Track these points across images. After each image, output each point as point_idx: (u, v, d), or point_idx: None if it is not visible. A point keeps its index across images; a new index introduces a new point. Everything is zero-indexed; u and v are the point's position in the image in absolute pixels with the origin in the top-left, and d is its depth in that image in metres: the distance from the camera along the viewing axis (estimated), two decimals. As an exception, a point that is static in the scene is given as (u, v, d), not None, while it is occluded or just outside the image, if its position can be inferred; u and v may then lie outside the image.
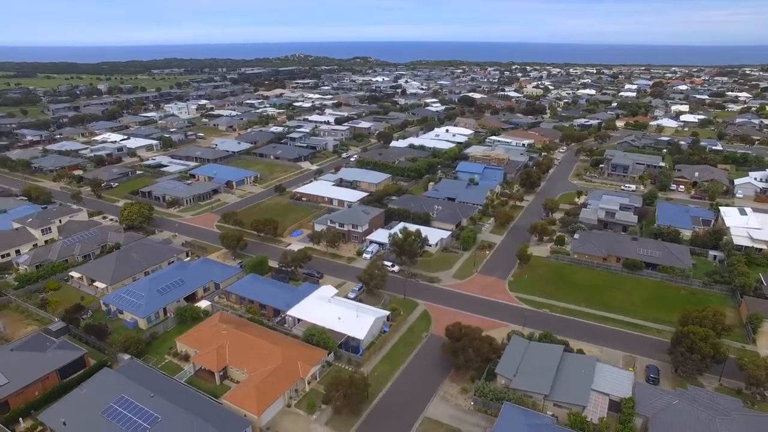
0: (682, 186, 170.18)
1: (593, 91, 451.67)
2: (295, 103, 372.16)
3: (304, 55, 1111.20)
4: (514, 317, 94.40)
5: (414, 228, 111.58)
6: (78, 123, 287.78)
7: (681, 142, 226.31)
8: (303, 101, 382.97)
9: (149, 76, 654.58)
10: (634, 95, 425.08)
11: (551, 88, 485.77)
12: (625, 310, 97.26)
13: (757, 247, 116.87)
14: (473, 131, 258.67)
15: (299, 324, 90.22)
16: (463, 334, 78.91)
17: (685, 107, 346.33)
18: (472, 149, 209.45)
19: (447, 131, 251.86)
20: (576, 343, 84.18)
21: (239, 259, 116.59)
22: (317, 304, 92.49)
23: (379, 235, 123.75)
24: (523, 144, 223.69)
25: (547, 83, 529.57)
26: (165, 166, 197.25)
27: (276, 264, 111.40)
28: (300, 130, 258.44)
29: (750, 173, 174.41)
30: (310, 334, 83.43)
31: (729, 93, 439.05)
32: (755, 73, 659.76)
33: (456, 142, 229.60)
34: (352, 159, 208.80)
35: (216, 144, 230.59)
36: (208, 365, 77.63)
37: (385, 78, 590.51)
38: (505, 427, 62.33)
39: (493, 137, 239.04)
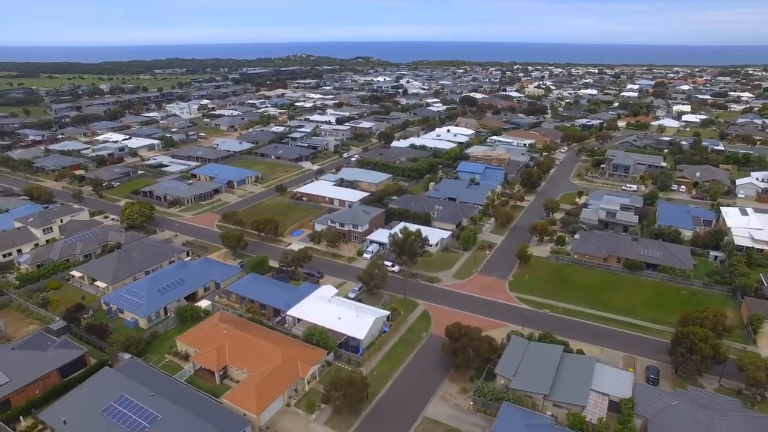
0: (683, 186, 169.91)
1: (595, 91, 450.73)
2: (297, 103, 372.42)
3: (305, 55, 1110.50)
4: (513, 317, 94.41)
5: (414, 228, 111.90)
6: (80, 123, 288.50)
7: (683, 142, 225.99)
8: (304, 101, 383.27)
9: (151, 76, 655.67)
10: (636, 95, 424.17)
11: (553, 88, 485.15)
12: (626, 310, 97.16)
13: (759, 248, 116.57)
14: (474, 131, 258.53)
15: (299, 324, 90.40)
16: (463, 334, 78.96)
17: (687, 107, 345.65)
18: (473, 149, 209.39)
19: (448, 131, 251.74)
20: (576, 344, 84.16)
21: (240, 259, 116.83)
22: (317, 303, 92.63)
23: (380, 235, 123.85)
24: (524, 144, 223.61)
25: (549, 83, 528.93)
26: (166, 165, 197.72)
27: (277, 264, 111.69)
28: (301, 130, 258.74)
29: (752, 173, 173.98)
30: (309, 333, 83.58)
31: (731, 93, 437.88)
32: (758, 73, 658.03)
33: (457, 142, 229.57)
34: (353, 159, 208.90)
35: (217, 144, 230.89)
36: (208, 365, 77.86)
37: (387, 78, 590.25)
38: (504, 427, 62.39)
39: (494, 137, 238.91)
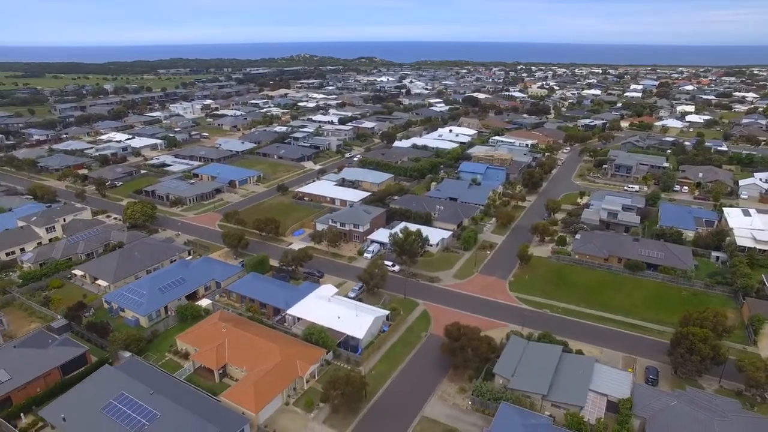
0: (685, 187, 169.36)
1: (598, 92, 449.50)
2: (300, 103, 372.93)
3: (309, 55, 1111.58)
4: (513, 317, 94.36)
5: (415, 228, 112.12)
6: (84, 123, 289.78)
7: (686, 142, 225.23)
8: (307, 101, 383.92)
9: (155, 76, 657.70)
10: (639, 95, 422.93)
11: (556, 88, 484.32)
12: (626, 310, 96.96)
13: (761, 248, 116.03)
14: (477, 131, 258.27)
15: (299, 323, 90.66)
16: (462, 333, 78.96)
17: (691, 108, 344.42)
18: (474, 149, 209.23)
19: (450, 131, 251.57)
20: (576, 344, 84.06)
21: (241, 258, 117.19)
22: (317, 303, 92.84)
23: (381, 235, 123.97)
24: (527, 144, 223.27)
25: (552, 83, 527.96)
26: (169, 165, 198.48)
27: (278, 263, 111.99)
28: (304, 129, 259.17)
29: (755, 174, 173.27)
30: (309, 332, 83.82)
31: (736, 93, 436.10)
32: (763, 74, 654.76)
33: (459, 142, 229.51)
34: (355, 159, 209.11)
35: (220, 143, 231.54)
36: (207, 363, 78.16)
37: (390, 78, 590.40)
38: (502, 427, 62.40)
39: (497, 137, 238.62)
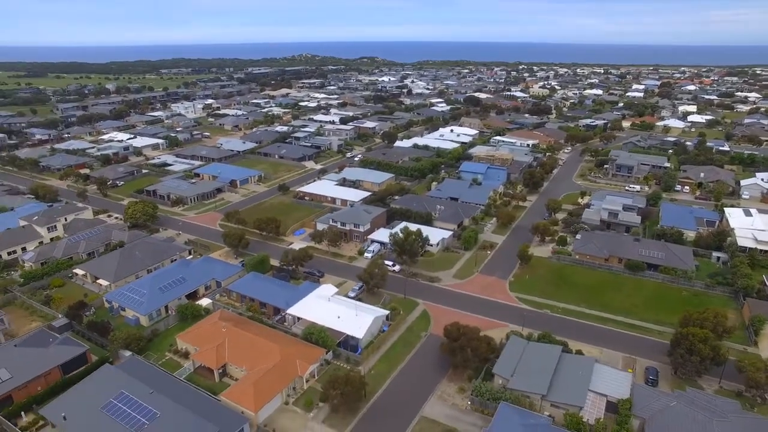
0: (687, 187, 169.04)
1: (600, 92, 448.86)
2: (301, 103, 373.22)
3: (311, 55, 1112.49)
4: (513, 317, 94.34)
5: (415, 228, 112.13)
6: (86, 122, 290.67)
7: (687, 142, 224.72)
8: (309, 101, 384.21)
9: (157, 75, 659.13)
10: (641, 95, 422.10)
11: (558, 88, 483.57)
12: (626, 311, 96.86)
13: (762, 249, 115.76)
14: (478, 131, 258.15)
15: (299, 322, 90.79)
16: (461, 333, 78.99)
17: (693, 108, 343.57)
18: (476, 149, 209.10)
19: (452, 131, 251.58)
20: (576, 344, 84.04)
21: (241, 258, 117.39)
22: (317, 302, 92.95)
23: (381, 235, 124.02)
24: (528, 144, 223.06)
25: (554, 83, 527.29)
26: (170, 165, 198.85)
27: (278, 263, 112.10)
28: (305, 129, 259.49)
29: (757, 174, 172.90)
30: (309, 332, 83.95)
31: (738, 93, 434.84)
32: (765, 73, 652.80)
33: (460, 142, 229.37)
34: (356, 159, 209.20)
35: (221, 143, 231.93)
36: (207, 362, 78.33)
37: (392, 78, 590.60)
38: (501, 427, 62.41)
39: (498, 137, 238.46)
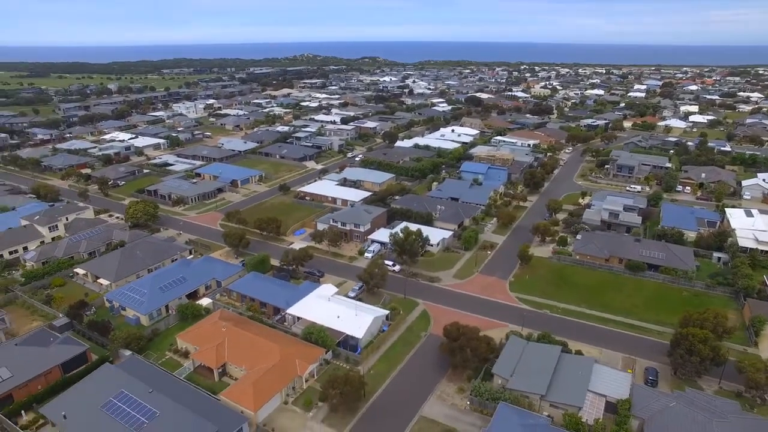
0: (688, 187, 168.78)
1: (602, 92, 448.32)
2: (302, 103, 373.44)
3: (312, 55, 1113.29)
4: (513, 317, 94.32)
5: (415, 227, 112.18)
6: (88, 122, 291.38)
7: (689, 143, 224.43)
8: (310, 101, 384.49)
9: (159, 75, 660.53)
10: (643, 96, 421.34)
11: (559, 88, 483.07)
12: (626, 311, 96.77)
13: (763, 249, 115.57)
14: (479, 131, 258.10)
15: (299, 322, 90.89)
16: (461, 333, 79.02)
17: (695, 108, 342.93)
18: (476, 149, 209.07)
19: (453, 131, 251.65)
20: (575, 344, 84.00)
21: (241, 258, 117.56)
22: (317, 302, 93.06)
23: (381, 235, 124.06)
24: (529, 144, 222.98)
25: (556, 83, 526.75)
26: (171, 164, 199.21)
27: (278, 262, 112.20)
28: (306, 129, 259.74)
29: (758, 174, 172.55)
30: (308, 332, 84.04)
31: (740, 93, 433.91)
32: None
33: (461, 142, 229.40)
34: (356, 159, 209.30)
35: (222, 143, 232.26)
36: (207, 362, 78.47)
37: (393, 78, 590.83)
38: (500, 427, 62.41)
39: (499, 137, 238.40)
